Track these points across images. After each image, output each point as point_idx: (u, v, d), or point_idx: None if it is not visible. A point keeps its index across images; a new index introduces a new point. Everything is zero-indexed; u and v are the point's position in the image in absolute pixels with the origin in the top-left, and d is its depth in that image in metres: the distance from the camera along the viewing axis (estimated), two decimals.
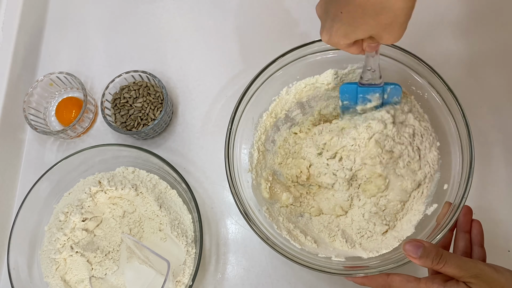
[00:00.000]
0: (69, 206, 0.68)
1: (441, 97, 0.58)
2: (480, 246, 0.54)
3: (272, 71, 0.63)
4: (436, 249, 0.46)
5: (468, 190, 0.53)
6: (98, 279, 0.67)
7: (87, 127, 0.78)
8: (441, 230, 0.52)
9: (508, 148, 0.69)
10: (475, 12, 0.76)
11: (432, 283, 0.46)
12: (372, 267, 0.54)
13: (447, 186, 0.58)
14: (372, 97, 0.59)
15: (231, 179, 0.59)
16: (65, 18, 0.86)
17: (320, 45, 0.61)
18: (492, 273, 0.45)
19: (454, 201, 0.54)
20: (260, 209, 0.61)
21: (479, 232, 0.55)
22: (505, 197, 0.67)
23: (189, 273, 0.63)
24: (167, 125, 0.76)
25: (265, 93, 0.64)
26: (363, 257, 0.58)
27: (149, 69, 0.76)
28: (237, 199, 0.58)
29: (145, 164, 0.71)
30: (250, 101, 0.63)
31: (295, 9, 0.80)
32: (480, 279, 0.44)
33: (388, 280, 0.50)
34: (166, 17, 0.83)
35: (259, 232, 0.56)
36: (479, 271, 0.45)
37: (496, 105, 0.71)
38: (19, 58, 0.79)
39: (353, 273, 0.53)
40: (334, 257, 0.57)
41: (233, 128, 0.61)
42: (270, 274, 0.68)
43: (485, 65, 0.73)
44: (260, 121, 0.65)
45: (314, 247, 0.59)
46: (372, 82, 0.57)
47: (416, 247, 0.46)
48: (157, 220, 0.69)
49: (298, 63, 0.63)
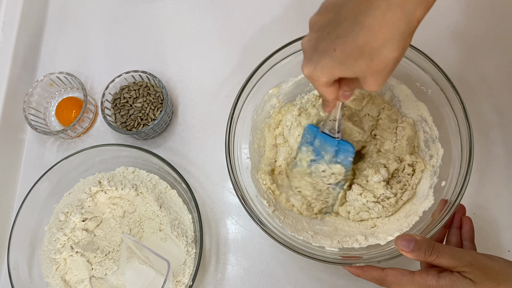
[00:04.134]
0: (69, 206, 0.68)
1: (444, 94, 0.58)
2: (471, 242, 0.55)
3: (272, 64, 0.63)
4: (428, 241, 0.47)
5: (465, 187, 0.53)
6: (98, 279, 0.67)
7: (87, 127, 0.78)
8: (435, 226, 0.53)
9: (508, 147, 0.69)
10: (475, 12, 0.76)
11: (427, 275, 0.46)
12: (366, 258, 0.55)
13: (445, 183, 0.58)
14: (325, 153, 0.62)
15: (230, 163, 0.60)
16: (65, 18, 0.86)
17: None
18: (486, 261, 0.45)
19: (451, 197, 0.54)
20: (257, 195, 0.62)
21: (470, 228, 0.56)
22: (504, 196, 0.67)
23: (189, 273, 0.63)
24: (167, 125, 0.76)
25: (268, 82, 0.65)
26: (355, 247, 0.60)
27: (149, 69, 0.76)
28: (236, 183, 0.59)
29: (145, 164, 0.71)
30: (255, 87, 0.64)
31: (295, 9, 0.80)
32: (475, 267, 0.44)
33: (382, 274, 0.50)
34: (166, 17, 0.83)
35: (252, 214, 0.57)
36: (473, 259, 0.45)
37: (498, 104, 0.71)
38: (19, 58, 0.79)
39: (349, 263, 0.54)
40: (327, 247, 0.59)
41: (235, 113, 0.61)
42: (270, 274, 0.68)
43: (488, 62, 0.73)
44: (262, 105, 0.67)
45: (309, 236, 0.61)
46: (331, 134, 0.60)
47: (408, 241, 0.47)
48: (157, 220, 0.69)
49: (293, 59, 0.63)
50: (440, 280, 0.45)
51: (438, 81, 0.59)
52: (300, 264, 0.68)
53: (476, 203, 0.66)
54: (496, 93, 0.72)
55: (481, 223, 0.64)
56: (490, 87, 0.72)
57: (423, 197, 0.61)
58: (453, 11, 0.77)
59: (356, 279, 0.66)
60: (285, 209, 0.65)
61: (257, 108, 0.66)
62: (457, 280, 0.45)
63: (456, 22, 0.76)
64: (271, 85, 0.66)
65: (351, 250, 0.59)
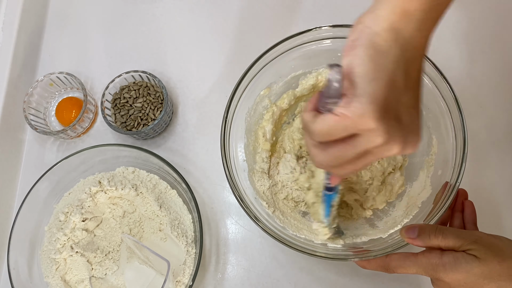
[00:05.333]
0: (69, 206, 0.68)
1: (434, 84, 0.58)
2: (474, 225, 0.55)
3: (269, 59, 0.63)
4: (431, 225, 0.48)
5: (463, 169, 0.53)
6: (98, 279, 0.67)
7: (87, 127, 0.78)
8: (438, 210, 0.53)
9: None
10: (475, 12, 0.77)
11: (430, 253, 0.47)
12: (373, 251, 0.55)
13: (441, 171, 0.58)
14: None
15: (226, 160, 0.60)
16: (65, 18, 0.86)
17: (310, 35, 0.61)
18: (491, 239, 0.46)
19: (450, 180, 0.55)
20: (256, 197, 0.62)
21: (472, 211, 0.56)
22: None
23: (189, 273, 0.63)
24: (167, 125, 0.76)
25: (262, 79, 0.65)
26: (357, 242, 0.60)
27: (149, 69, 0.76)
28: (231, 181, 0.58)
29: (145, 164, 0.71)
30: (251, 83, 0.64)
31: (296, 10, 0.80)
32: (480, 244, 0.45)
33: (387, 260, 0.50)
34: (166, 17, 0.83)
35: (251, 215, 0.57)
36: (477, 238, 0.45)
37: (499, 104, 0.71)
38: (19, 58, 0.79)
39: (359, 257, 0.54)
40: (330, 244, 0.59)
41: (229, 116, 0.61)
42: (270, 274, 0.68)
43: (488, 62, 0.73)
44: None
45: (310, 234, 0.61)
46: None
47: (412, 228, 0.48)
48: (157, 220, 0.69)
49: (291, 54, 0.63)
50: (443, 257, 0.46)
51: (428, 73, 0.59)
52: (300, 264, 0.68)
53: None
54: (495, 93, 0.72)
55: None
56: (490, 86, 0.72)
57: (421, 188, 0.61)
58: (453, 11, 0.77)
59: (356, 279, 0.66)
60: (284, 211, 0.65)
61: (250, 110, 0.66)
62: (461, 256, 0.45)
63: (456, 22, 0.76)
64: (263, 86, 0.66)
65: (354, 245, 0.59)
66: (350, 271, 0.66)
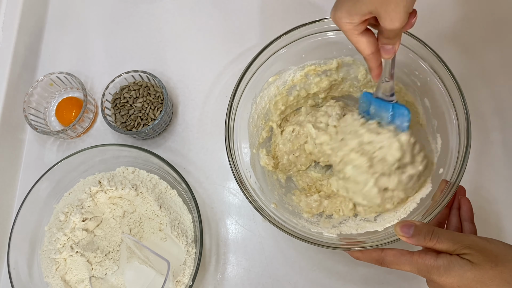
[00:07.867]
0: (69, 206, 0.68)
1: (443, 83, 0.59)
2: (471, 222, 0.56)
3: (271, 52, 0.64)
4: (427, 226, 0.47)
5: (464, 168, 0.53)
6: (98, 279, 0.67)
7: (87, 127, 0.78)
8: (436, 207, 0.53)
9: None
10: (475, 12, 0.77)
11: (425, 255, 0.47)
12: (368, 242, 0.55)
13: (443, 170, 0.58)
14: (380, 120, 0.57)
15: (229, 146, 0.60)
16: (65, 18, 0.86)
17: (306, 29, 0.62)
18: (485, 244, 0.46)
19: (451, 179, 0.55)
20: (256, 180, 0.62)
21: (468, 209, 0.57)
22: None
23: (189, 273, 0.63)
24: (167, 125, 0.76)
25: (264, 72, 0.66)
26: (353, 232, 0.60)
27: (149, 69, 0.76)
28: (233, 166, 0.59)
29: (145, 164, 0.71)
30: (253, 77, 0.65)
31: (296, 10, 0.80)
32: (473, 249, 0.45)
33: (382, 254, 0.50)
34: (166, 17, 0.83)
35: (249, 196, 0.58)
36: (472, 242, 0.46)
37: (495, 89, 0.72)
38: (19, 58, 0.79)
39: (349, 248, 0.54)
40: (325, 233, 0.59)
41: (236, 96, 0.62)
42: (270, 274, 0.68)
43: (488, 62, 0.73)
44: None
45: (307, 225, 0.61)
46: (384, 98, 0.55)
47: (408, 226, 0.48)
48: (157, 220, 0.69)
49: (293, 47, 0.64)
50: (438, 260, 0.46)
51: (437, 70, 0.59)
52: (300, 264, 0.68)
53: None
54: (496, 93, 0.72)
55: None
56: (489, 86, 0.72)
57: None
58: (453, 11, 0.77)
59: (355, 279, 0.66)
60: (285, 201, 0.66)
61: (256, 96, 0.67)
62: (455, 260, 0.45)
63: (456, 22, 0.76)
64: (270, 75, 0.66)
65: (349, 236, 0.60)
66: (350, 271, 0.67)
